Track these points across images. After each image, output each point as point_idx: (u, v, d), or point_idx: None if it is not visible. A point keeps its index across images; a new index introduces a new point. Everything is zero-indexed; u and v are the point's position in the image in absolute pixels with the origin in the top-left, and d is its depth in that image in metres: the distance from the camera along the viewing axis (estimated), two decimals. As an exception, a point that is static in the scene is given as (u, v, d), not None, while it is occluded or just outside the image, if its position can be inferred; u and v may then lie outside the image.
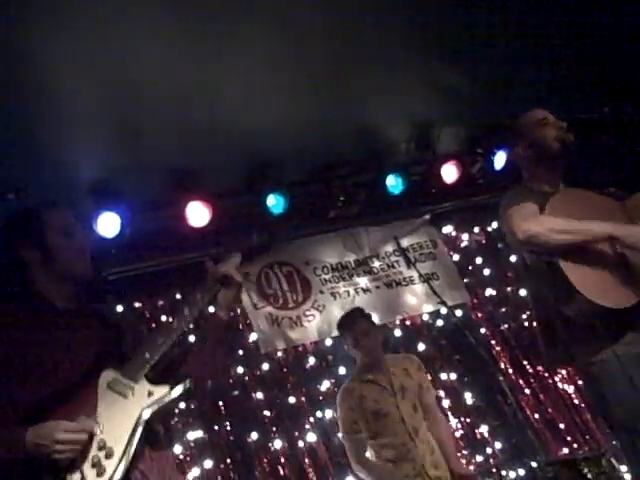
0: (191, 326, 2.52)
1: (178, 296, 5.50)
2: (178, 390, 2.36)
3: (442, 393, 5.92)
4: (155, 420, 2.35)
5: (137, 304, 5.41)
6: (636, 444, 2.79)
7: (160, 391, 2.33)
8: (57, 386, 2.28)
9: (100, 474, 2.12)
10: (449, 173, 5.75)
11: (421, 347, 6.10)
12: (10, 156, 4.02)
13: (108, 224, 4.75)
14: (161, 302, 5.51)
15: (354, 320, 4.68)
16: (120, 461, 2.16)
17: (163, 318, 5.44)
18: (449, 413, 5.95)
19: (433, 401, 4.63)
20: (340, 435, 4.56)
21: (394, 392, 4.44)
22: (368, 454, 4.40)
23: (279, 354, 5.69)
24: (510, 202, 3.08)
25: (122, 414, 2.26)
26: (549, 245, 2.88)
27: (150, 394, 2.32)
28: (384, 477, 4.28)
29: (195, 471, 5.07)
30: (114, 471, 2.14)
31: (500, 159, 5.79)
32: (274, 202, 5.23)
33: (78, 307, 2.58)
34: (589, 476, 3.92)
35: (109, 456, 2.16)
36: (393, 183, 5.61)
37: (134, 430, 2.24)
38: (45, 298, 2.51)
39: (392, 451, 4.31)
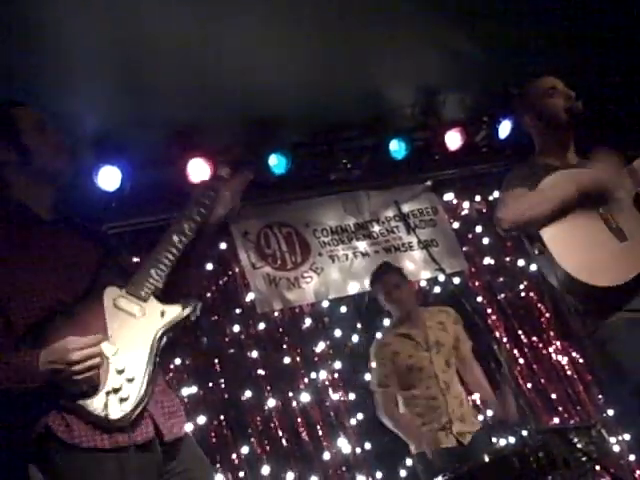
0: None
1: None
2: (189, 310, 2.23)
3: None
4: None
5: (135, 259, 5.38)
6: None
7: (173, 311, 2.21)
8: (55, 306, 2.13)
9: (123, 400, 2.01)
10: (453, 140, 5.70)
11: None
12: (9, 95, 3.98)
13: (109, 178, 4.72)
14: (160, 257, 5.50)
15: (384, 274, 4.79)
16: (142, 385, 2.05)
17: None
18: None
19: (470, 353, 4.73)
20: (371, 387, 4.67)
21: (428, 347, 4.56)
22: (400, 405, 4.55)
23: (276, 314, 5.70)
24: (506, 186, 3.09)
25: (137, 336, 2.13)
26: (529, 224, 2.90)
27: (163, 314, 2.19)
28: (410, 429, 4.44)
29: (188, 427, 5.08)
30: (139, 395, 2.03)
31: (505, 128, 5.74)
32: (276, 162, 5.21)
33: (65, 217, 2.41)
34: (579, 445, 3.95)
35: (130, 380, 2.04)
36: (396, 148, 5.57)
37: (151, 352, 2.11)
38: (27, 207, 2.31)
39: (422, 404, 4.48)
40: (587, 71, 3.84)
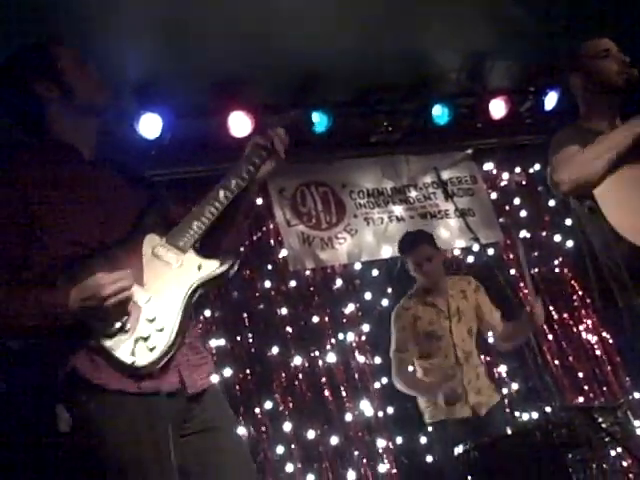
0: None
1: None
2: (227, 266, 2.20)
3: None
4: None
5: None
6: None
7: (210, 265, 2.19)
8: (92, 245, 2.12)
9: (151, 349, 2.01)
10: (497, 108, 5.61)
11: (448, 282, 6.09)
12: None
13: (150, 125, 4.72)
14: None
15: (417, 244, 4.62)
16: (171, 337, 2.05)
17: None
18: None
19: (497, 320, 4.68)
20: (390, 352, 4.63)
21: (449, 315, 4.51)
22: (410, 369, 4.54)
23: (307, 273, 5.70)
24: (555, 148, 2.99)
25: (172, 286, 2.12)
26: (591, 180, 2.80)
27: (200, 267, 2.17)
28: (423, 385, 4.48)
29: (214, 378, 5.14)
30: (166, 347, 2.03)
31: (551, 100, 5.65)
32: (318, 120, 5.16)
33: (110, 159, 2.40)
34: (603, 425, 3.92)
35: (160, 330, 2.03)
36: (439, 113, 5.50)
37: (185, 304, 2.11)
38: (71, 145, 2.30)
39: (439, 373, 4.44)
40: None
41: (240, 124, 4.97)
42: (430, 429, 4.66)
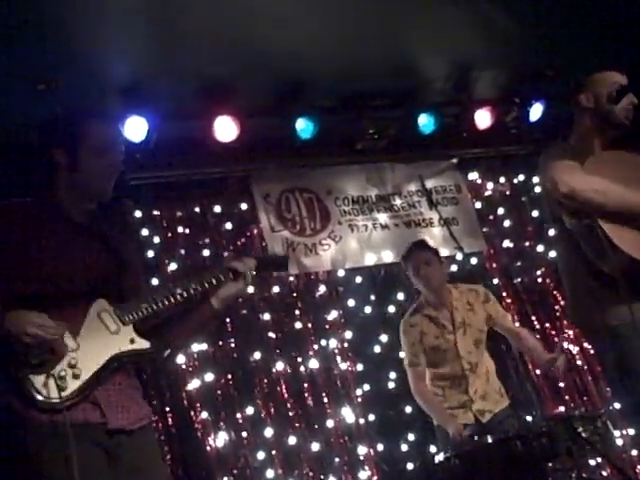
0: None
1: (197, 209, 5.52)
2: (153, 350, 2.46)
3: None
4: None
5: (155, 212, 5.40)
6: None
7: (141, 344, 2.41)
8: (51, 291, 2.34)
9: (62, 389, 2.20)
10: (482, 119, 5.66)
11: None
12: (42, 47, 3.96)
13: (135, 128, 4.71)
14: (179, 213, 5.50)
15: (416, 249, 4.75)
16: (82, 386, 2.25)
17: (180, 229, 5.46)
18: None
19: (511, 324, 4.79)
20: (404, 365, 4.72)
21: (454, 328, 4.58)
22: (427, 379, 4.63)
23: (291, 279, 5.69)
24: (553, 156, 3.05)
25: (101, 345, 2.34)
26: (588, 204, 2.86)
27: (132, 342, 2.40)
28: (432, 406, 4.51)
29: (195, 382, 5.13)
30: (73, 392, 2.23)
31: (536, 111, 5.70)
32: (303, 126, 5.18)
33: (92, 225, 2.59)
34: (583, 434, 3.94)
35: (75, 377, 2.24)
36: (425, 122, 5.53)
37: (105, 365, 2.32)
38: (63, 206, 2.53)
39: (446, 382, 4.55)
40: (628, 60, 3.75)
41: (226, 129, 4.99)
42: (413, 437, 4.68)
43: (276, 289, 5.69)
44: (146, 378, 4.52)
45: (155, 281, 4.93)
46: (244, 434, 5.21)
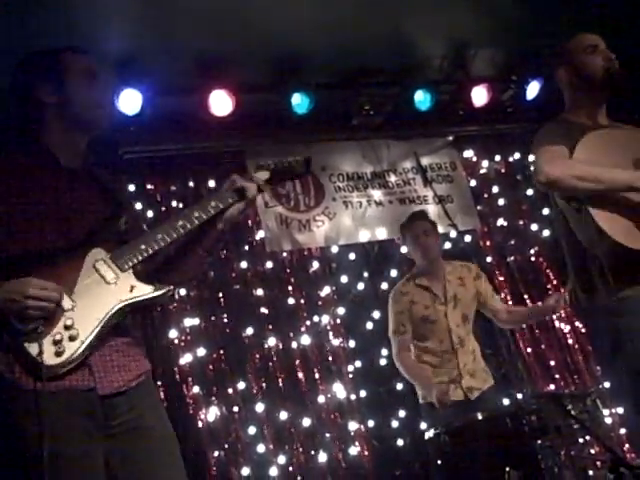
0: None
1: (191, 184, 5.51)
2: (158, 293, 2.24)
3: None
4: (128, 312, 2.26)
5: (149, 186, 5.39)
6: None
7: (143, 289, 2.23)
8: (42, 247, 2.19)
9: (59, 354, 2.05)
10: (479, 96, 5.63)
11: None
12: (38, 17, 3.92)
13: (129, 101, 4.67)
14: (173, 187, 5.49)
15: (415, 219, 4.77)
16: (80, 347, 2.08)
17: (174, 204, 5.45)
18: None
19: (498, 303, 4.81)
20: (388, 333, 4.69)
21: (445, 300, 4.58)
22: (412, 354, 4.59)
23: (284, 255, 5.70)
24: (541, 140, 3.01)
25: (98, 299, 2.16)
26: (570, 191, 2.86)
27: (132, 289, 2.21)
28: (421, 379, 4.48)
29: (187, 357, 5.15)
30: (71, 355, 2.07)
31: (533, 89, 5.68)
32: (299, 101, 5.15)
33: (83, 168, 2.43)
34: (572, 412, 3.97)
35: (72, 338, 2.07)
36: (421, 99, 5.50)
37: (104, 319, 2.15)
38: (50, 152, 2.36)
39: (433, 356, 4.52)
40: (627, 35, 3.73)
41: (221, 103, 4.95)
42: (403, 414, 4.69)
43: (269, 264, 5.70)
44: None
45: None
46: (235, 409, 5.24)
